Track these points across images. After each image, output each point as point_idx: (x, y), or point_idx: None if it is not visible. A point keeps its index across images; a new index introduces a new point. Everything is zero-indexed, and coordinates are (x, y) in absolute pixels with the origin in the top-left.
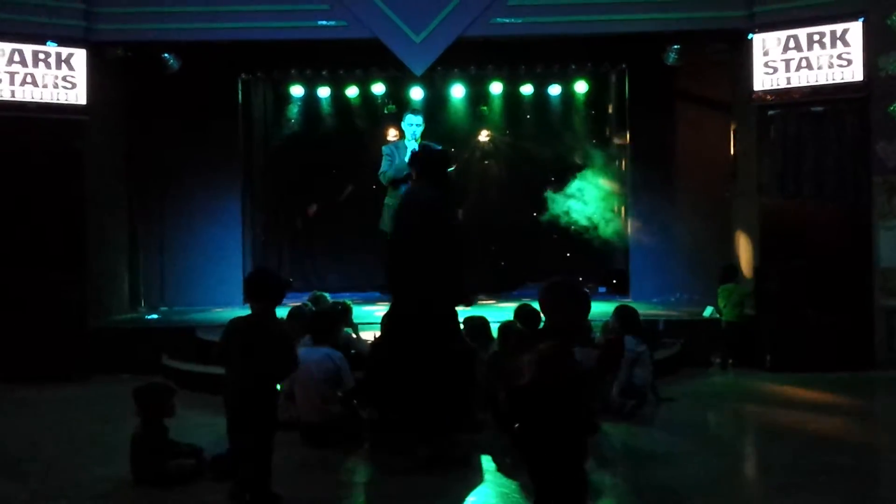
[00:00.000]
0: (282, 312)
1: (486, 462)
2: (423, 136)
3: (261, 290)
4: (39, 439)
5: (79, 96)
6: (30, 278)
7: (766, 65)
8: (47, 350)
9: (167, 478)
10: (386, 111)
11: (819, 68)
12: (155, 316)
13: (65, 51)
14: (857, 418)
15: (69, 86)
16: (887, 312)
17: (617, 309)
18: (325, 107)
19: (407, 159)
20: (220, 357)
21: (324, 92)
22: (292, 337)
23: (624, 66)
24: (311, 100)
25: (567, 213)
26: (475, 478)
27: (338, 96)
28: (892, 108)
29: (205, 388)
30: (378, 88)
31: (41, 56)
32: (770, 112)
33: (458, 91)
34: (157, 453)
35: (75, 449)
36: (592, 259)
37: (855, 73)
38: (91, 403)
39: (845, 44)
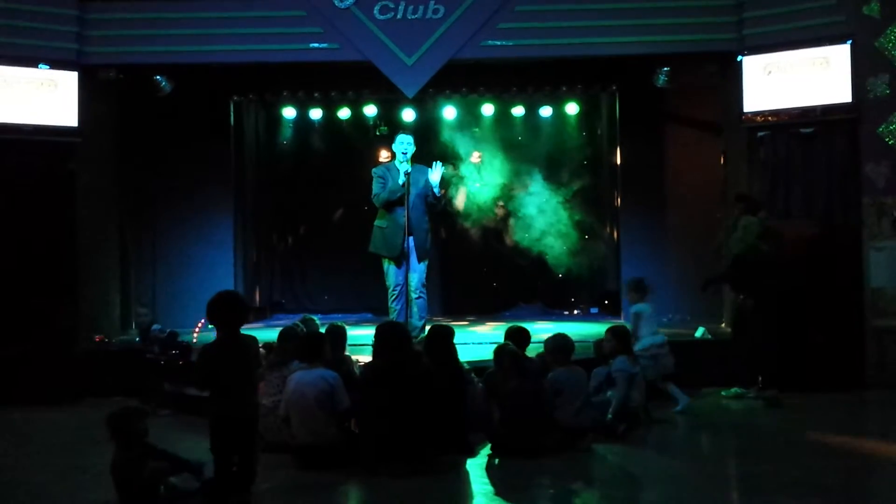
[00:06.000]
0: (272, 334)
1: (481, 484)
2: (415, 158)
3: (235, 314)
4: (28, 464)
5: (70, 119)
6: (20, 301)
7: (755, 87)
8: (37, 374)
9: (153, 502)
10: (378, 133)
11: (808, 90)
12: None
13: (57, 73)
14: (848, 438)
15: (61, 108)
16: (878, 332)
17: (611, 329)
18: (318, 128)
19: (400, 181)
20: (205, 382)
21: (316, 114)
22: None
23: (614, 87)
24: (303, 122)
25: (559, 233)
26: (469, 501)
27: (330, 118)
28: (880, 129)
29: (197, 410)
30: (370, 110)
31: (33, 79)
32: (760, 134)
33: (449, 113)
34: (137, 477)
35: (64, 473)
36: (584, 280)
37: (843, 95)
38: (81, 427)
39: (834, 66)
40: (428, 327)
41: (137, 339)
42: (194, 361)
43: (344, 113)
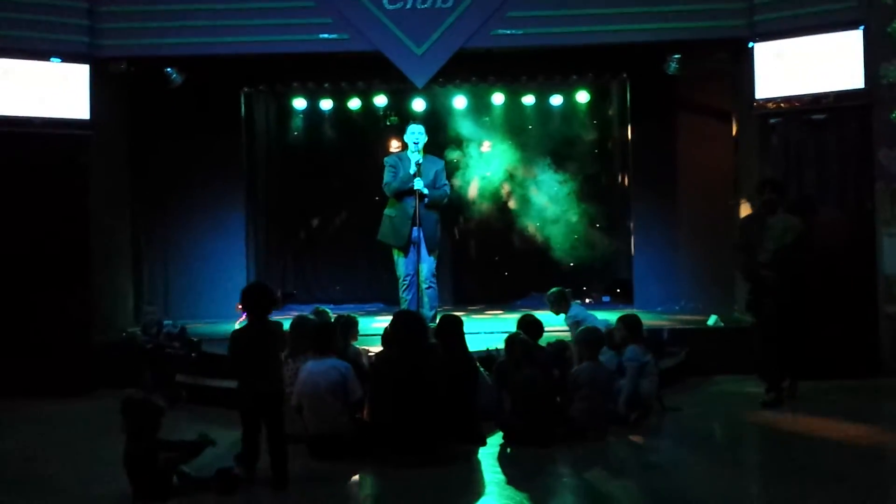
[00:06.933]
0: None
1: (493, 474)
2: (426, 147)
3: (263, 302)
4: (41, 455)
5: (82, 112)
6: (34, 293)
7: (766, 74)
8: (51, 365)
9: (167, 492)
10: (388, 123)
11: (820, 77)
12: None
13: (68, 66)
14: (864, 426)
15: (72, 101)
16: (891, 319)
17: (622, 318)
18: (328, 119)
19: (412, 171)
20: (236, 361)
21: (326, 104)
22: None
23: (625, 75)
24: (313, 112)
25: (570, 222)
26: (482, 490)
27: (340, 109)
28: (893, 115)
29: (211, 401)
30: (380, 100)
31: (45, 72)
32: (772, 120)
33: (459, 102)
34: (151, 469)
35: (77, 465)
36: (596, 268)
37: (856, 82)
38: (94, 418)
39: (846, 52)
40: (438, 317)
41: (144, 336)
42: (207, 351)
43: (354, 103)
